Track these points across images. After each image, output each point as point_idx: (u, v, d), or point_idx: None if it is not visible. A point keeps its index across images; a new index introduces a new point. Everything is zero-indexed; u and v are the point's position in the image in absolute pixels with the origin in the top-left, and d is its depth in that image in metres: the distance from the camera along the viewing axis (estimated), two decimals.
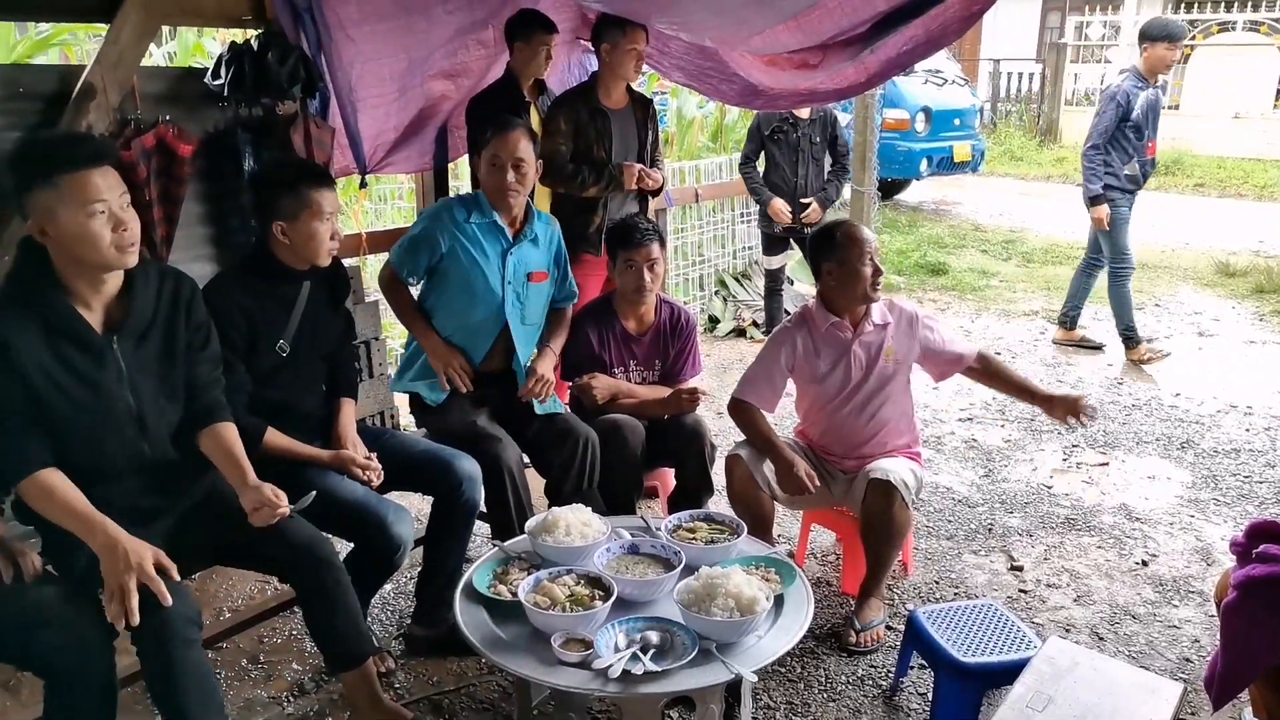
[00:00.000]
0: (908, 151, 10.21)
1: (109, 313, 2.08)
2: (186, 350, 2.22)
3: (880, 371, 3.02)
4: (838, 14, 3.47)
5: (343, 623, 2.33)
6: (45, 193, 1.92)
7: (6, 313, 1.97)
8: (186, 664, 1.97)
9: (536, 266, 3.14)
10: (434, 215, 3.05)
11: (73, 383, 2.02)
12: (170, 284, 2.20)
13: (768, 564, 2.43)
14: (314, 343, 2.67)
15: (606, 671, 1.97)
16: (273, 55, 3.22)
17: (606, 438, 3.02)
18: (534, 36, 3.82)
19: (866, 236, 2.96)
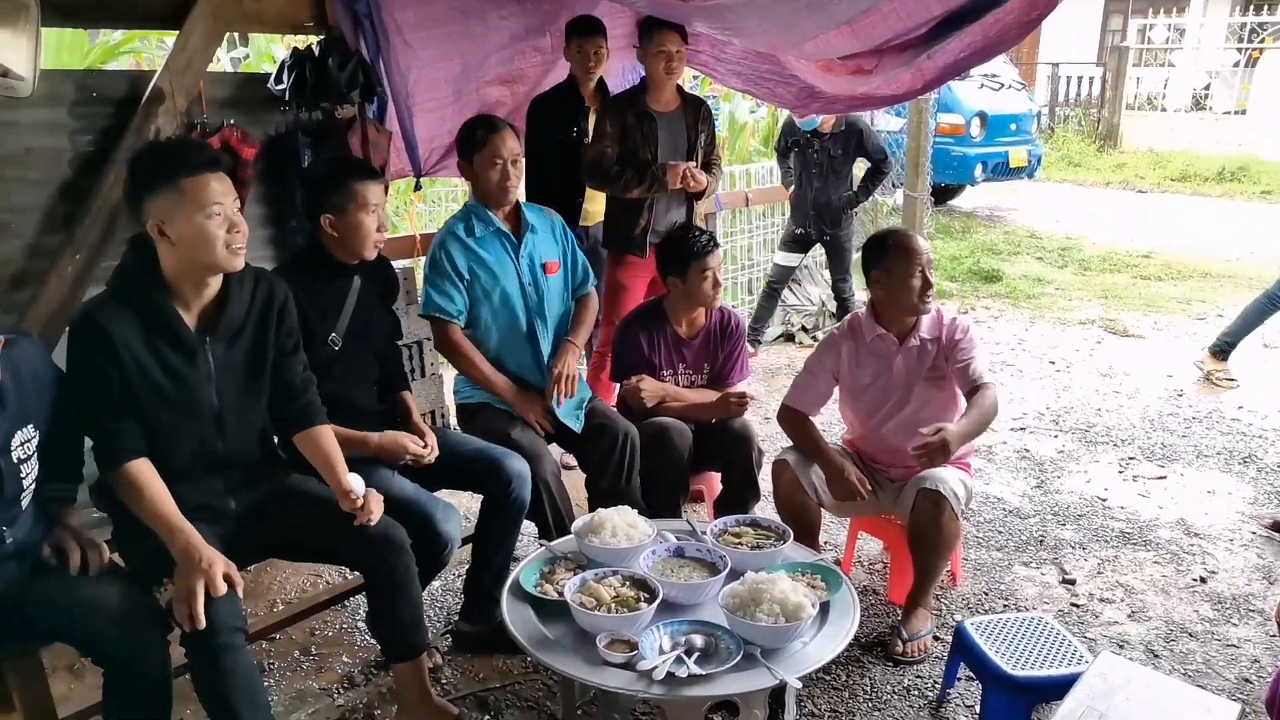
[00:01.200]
0: (962, 157, 10.08)
1: (205, 314, 2.16)
2: (278, 354, 2.29)
3: (922, 387, 2.96)
4: (892, 19, 3.45)
5: (405, 612, 2.37)
6: (167, 194, 2.02)
7: (110, 306, 2.07)
8: (233, 666, 2.03)
9: (548, 257, 3.16)
10: (440, 244, 3.05)
11: (163, 378, 2.11)
12: (265, 288, 2.27)
13: (814, 570, 2.42)
14: (366, 338, 2.73)
15: (651, 673, 1.98)
16: (333, 60, 3.30)
17: (653, 441, 3.03)
18: (572, 40, 3.86)
19: (919, 247, 2.90)
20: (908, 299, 2.89)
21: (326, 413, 2.56)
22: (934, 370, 2.96)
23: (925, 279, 2.87)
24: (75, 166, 3.02)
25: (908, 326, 2.96)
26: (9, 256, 2.89)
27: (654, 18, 3.64)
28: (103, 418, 2.08)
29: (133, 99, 3.07)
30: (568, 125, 3.91)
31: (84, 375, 2.07)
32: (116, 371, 2.06)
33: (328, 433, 2.37)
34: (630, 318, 3.32)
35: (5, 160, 2.87)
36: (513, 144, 3.01)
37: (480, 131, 3.01)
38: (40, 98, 2.76)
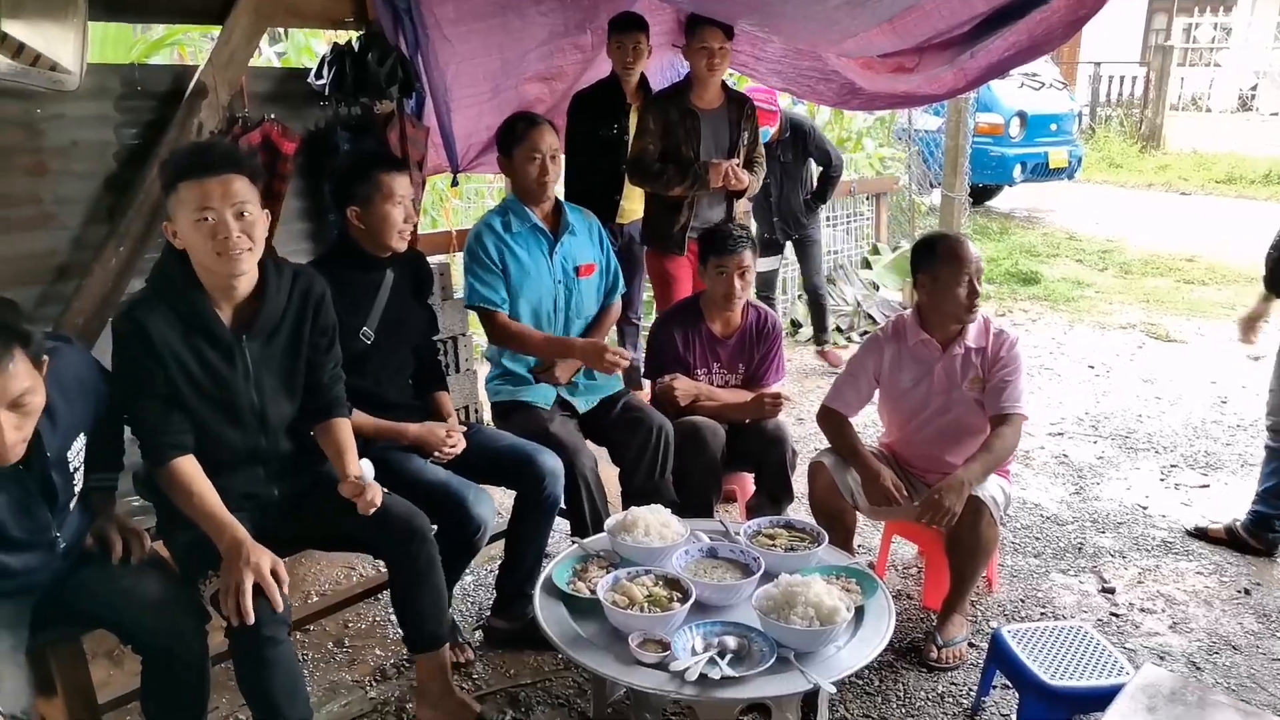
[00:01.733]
0: (1000, 157, 9.96)
1: (240, 312, 2.17)
2: (311, 351, 2.31)
3: (962, 397, 2.91)
4: (935, 16, 3.41)
5: (427, 601, 2.37)
6: (172, 199, 2.05)
7: (149, 304, 2.10)
8: (276, 658, 2.05)
9: (584, 259, 3.15)
10: (475, 236, 3.04)
11: (203, 376, 2.13)
12: (302, 285, 2.28)
13: (849, 574, 2.40)
14: (398, 332, 2.74)
15: (684, 674, 1.97)
16: (373, 56, 3.32)
17: (686, 439, 3.02)
18: (612, 35, 3.86)
19: (968, 255, 2.82)
20: (954, 306, 2.84)
21: (360, 406, 2.58)
22: (976, 381, 2.90)
23: (973, 287, 2.81)
24: (120, 159, 3.06)
25: (952, 333, 2.90)
26: (54, 247, 2.94)
27: (698, 15, 3.61)
28: (148, 414, 2.10)
29: (176, 93, 3.11)
30: (608, 122, 3.91)
31: (128, 372, 2.10)
32: (160, 369, 2.08)
33: (344, 424, 2.38)
34: (665, 316, 3.31)
35: (52, 153, 2.92)
36: (551, 139, 3.01)
37: (520, 126, 3.01)
38: (87, 91, 2.80)
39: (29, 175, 2.88)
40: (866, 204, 7.43)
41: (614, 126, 3.92)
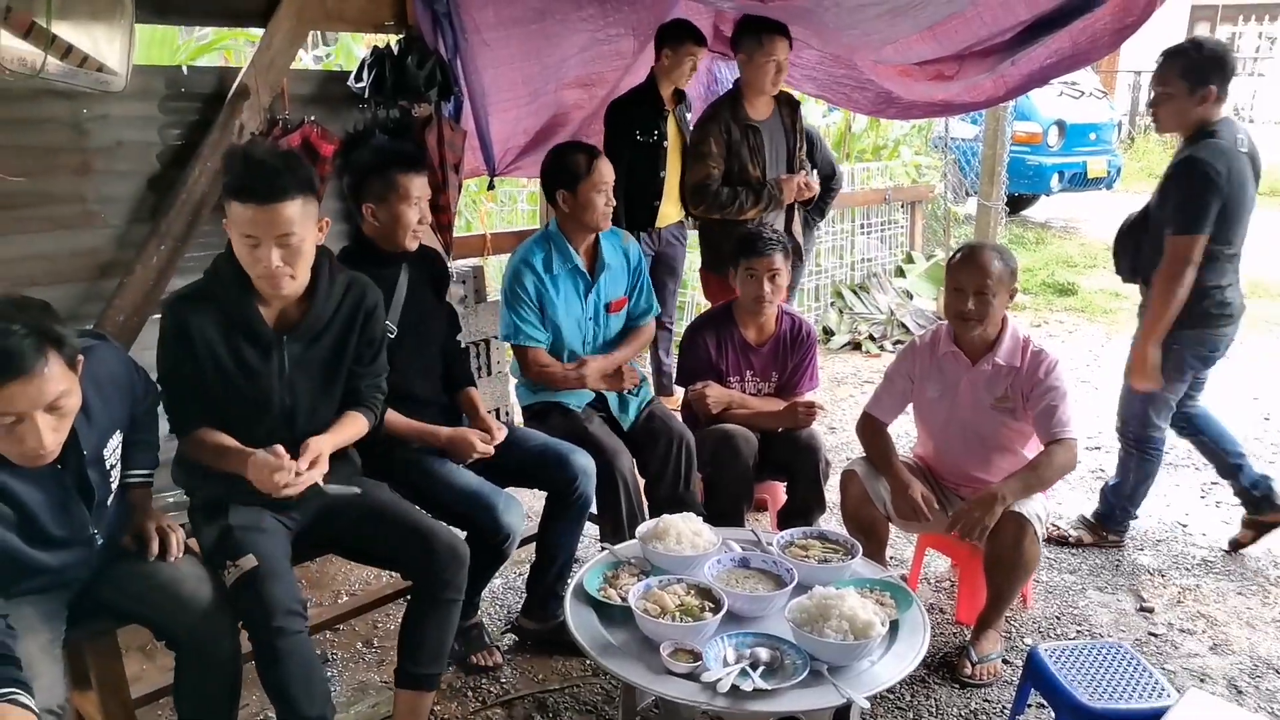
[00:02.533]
0: (1038, 166, 9.83)
1: (286, 313, 2.20)
2: (354, 360, 2.31)
3: (988, 415, 2.84)
4: (976, 24, 3.38)
5: (433, 634, 2.33)
6: (226, 208, 2.08)
7: (195, 297, 2.16)
8: (291, 650, 2.05)
9: (616, 295, 3.14)
10: (515, 274, 3.01)
11: (236, 372, 2.16)
12: (355, 294, 2.29)
13: (883, 588, 2.36)
14: (422, 329, 2.74)
15: (715, 685, 1.95)
16: (412, 59, 3.34)
17: (718, 447, 3.00)
18: (682, 47, 3.86)
19: (965, 263, 2.75)
20: (951, 315, 2.82)
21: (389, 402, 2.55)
22: (1005, 400, 2.82)
23: (966, 298, 2.73)
24: (163, 159, 3.10)
25: (981, 347, 2.83)
26: (98, 245, 2.98)
27: (755, 24, 3.47)
28: (179, 390, 2.18)
29: (219, 95, 3.14)
30: (647, 128, 3.93)
31: (164, 358, 2.17)
32: (192, 363, 2.13)
33: (354, 415, 2.36)
34: (697, 322, 3.30)
35: (98, 152, 2.96)
36: (611, 173, 2.97)
37: (582, 159, 2.94)
38: (132, 92, 2.84)
39: (74, 174, 2.93)
40: (901, 212, 7.38)
41: (653, 133, 3.94)
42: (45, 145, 2.83)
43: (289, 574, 2.16)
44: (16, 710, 1.66)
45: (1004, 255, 2.77)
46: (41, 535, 1.88)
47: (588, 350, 3.08)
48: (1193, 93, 2.99)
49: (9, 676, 1.69)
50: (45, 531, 1.89)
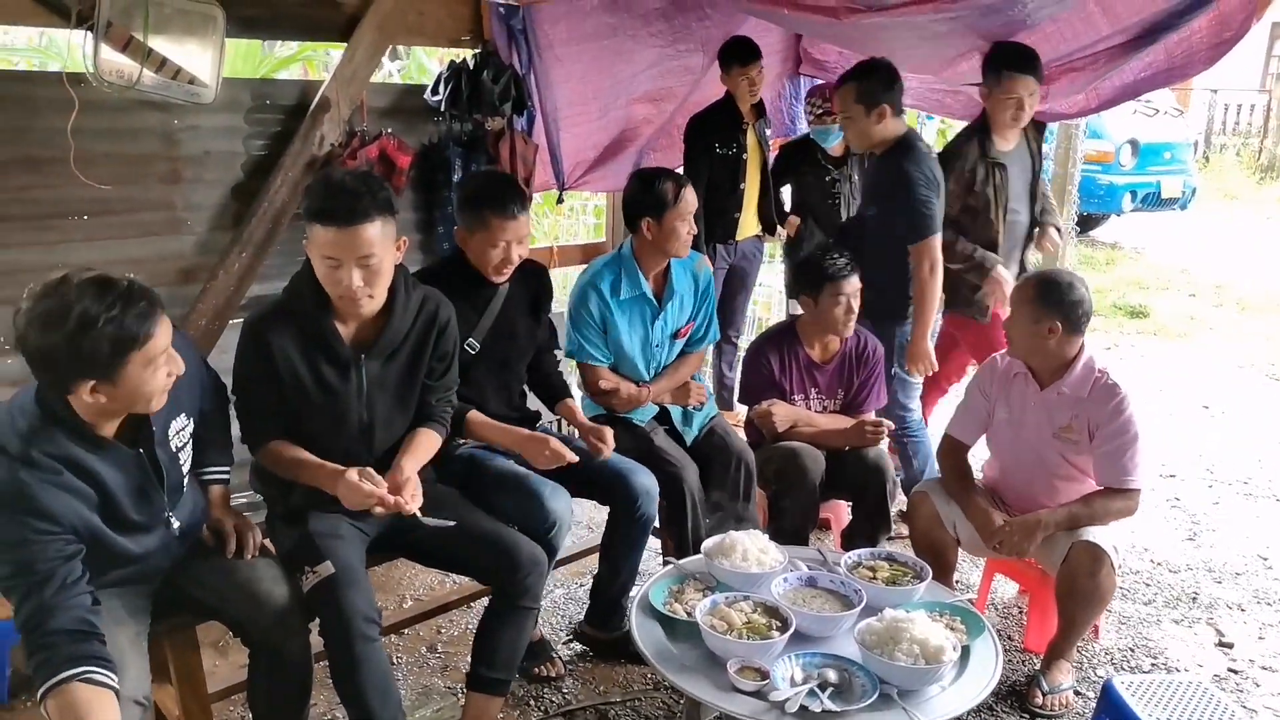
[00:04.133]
0: (1109, 185, 9.63)
1: (363, 331, 2.23)
2: (426, 374, 2.34)
3: (1053, 444, 2.75)
4: (1056, 39, 3.34)
5: (507, 640, 2.34)
6: (309, 231, 2.10)
7: (275, 315, 2.18)
8: (367, 656, 2.09)
9: (680, 323, 3.11)
10: (583, 297, 2.97)
11: (316, 390, 2.19)
12: (429, 309, 2.31)
13: (953, 612, 2.32)
14: (506, 345, 2.75)
15: (784, 705, 1.94)
16: (488, 74, 3.40)
17: (784, 465, 2.97)
18: (732, 66, 3.88)
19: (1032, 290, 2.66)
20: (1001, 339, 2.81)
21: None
22: (1068, 431, 2.72)
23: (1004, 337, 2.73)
24: (247, 169, 3.20)
25: (1051, 372, 2.73)
26: (183, 251, 3.08)
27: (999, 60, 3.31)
28: (253, 403, 2.22)
29: (301, 107, 3.24)
30: (726, 142, 3.95)
31: (242, 371, 2.21)
32: (269, 379, 2.17)
33: (426, 432, 2.38)
34: (760, 340, 3.27)
35: (186, 161, 3.07)
36: (695, 198, 2.94)
37: (671, 186, 2.87)
38: (220, 104, 2.94)
39: (164, 182, 3.04)
40: None
41: (732, 146, 3.97)
42: (138, 154, 2.95)
43: (366, 582, 2.19)
44: (93, 689, 1.69)
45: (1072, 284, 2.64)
46: (123, 519, 1.93)
47: (650, 374, 3.07)
48: (869, 114, 3.24)
49: (92, 653, 1.73)
50: (126, 515, 1.93)
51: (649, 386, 3.03)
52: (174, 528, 2.05)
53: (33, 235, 2.74)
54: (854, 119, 3.28)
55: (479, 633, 2.39)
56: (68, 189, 2.77)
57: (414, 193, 3.50)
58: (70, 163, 2.69)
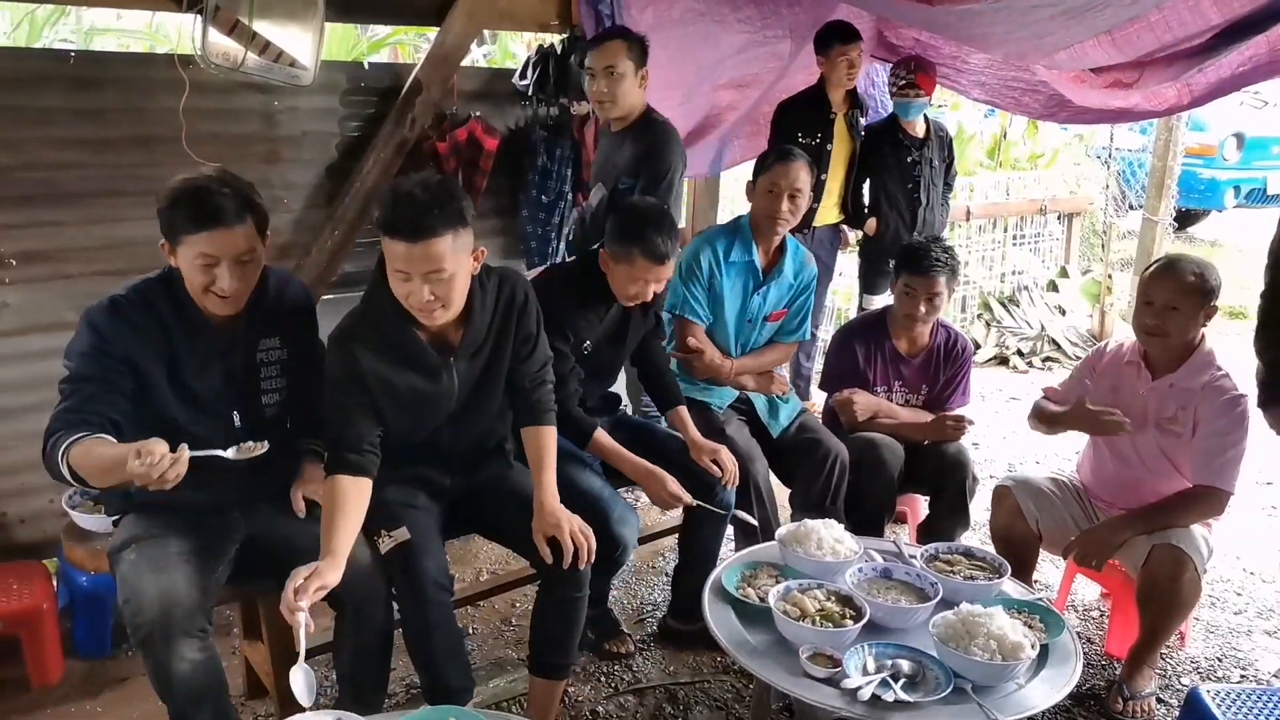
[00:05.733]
0: (1210, 180, 9.23)
1: (448, 334, 2.21)
2: (512, 360, 2.32)
3: (1157, 435, 2.68)
4: (1160, 29, 3.20)
5: (561, 628, 2.35)
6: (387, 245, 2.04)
7: (359, 331, 2.15)
8: (438, 620, 2.15)
9: (778, 307, 3.11)
10: (697, 250, 2.99)
11: (409, 398, 2.20)
12: (505, 294, 2.27)
13: (1032, 610, 2.28)
14: (617, 347, 2.78)
15: (856, 692, 1.93)
16: (575, 58, 3.44)
17: (863, 455, 2.95)
18: (831, 48, 3.84)
19: (1168, 277, 2.58)
20: (1135, 325, 2.69)
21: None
22: (1173, 422, 2.65)
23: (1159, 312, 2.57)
24: (341, 150, 3.30)
25: (1166, 363, 2.66)
26: (279, 228, 3.19)
27: None
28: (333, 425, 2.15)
29: (394, 89, 3.32)
30: (812, 131, 3.92)
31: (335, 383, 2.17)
32: (365, 393, 2.15)
33: (545, 434, 2.36)
34: (848, 328, 3.25)
35: (285, 142, 3.18)
36: (797, 178, 2.90)
37: (771, 157, 2.96)
38: (318, 86, 3.04)
39: (263, 162, 3.16)
40: (1058, 224, 7.06)
41: (816, 135, 3.94)
42: (241, 134, 3.07)
43: (439, 550, 2.26)
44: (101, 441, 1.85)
45: (1204, 272, 2.59)
46: (181, 382, 2.05)
47: (736, 351, 3.08)
48: (637, 73, 3.06)
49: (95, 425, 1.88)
50: (185, 381, 2.05)
51: (732, 361, 3.04)
52: (236, 425, 2.13)
53: (142, 210, 2.86)
54: (624, 76, 3.01)
55: (532, 619, 2.42)
56: (177, 166, 2.87)
57: (499, 176, 3.56)
58: (181, 141, 2.82)
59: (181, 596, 1.94)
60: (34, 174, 2.77)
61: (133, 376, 1.99)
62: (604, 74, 3.01)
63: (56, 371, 1.98)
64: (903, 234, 4.25)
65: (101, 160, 2.86)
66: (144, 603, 1.92)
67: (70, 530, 2.75)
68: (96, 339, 1.97)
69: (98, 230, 2.89)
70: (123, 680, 2.65)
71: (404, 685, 2.67)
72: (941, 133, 4.37)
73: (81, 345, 1.99)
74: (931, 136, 4.25)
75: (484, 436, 2.42)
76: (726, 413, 3.05)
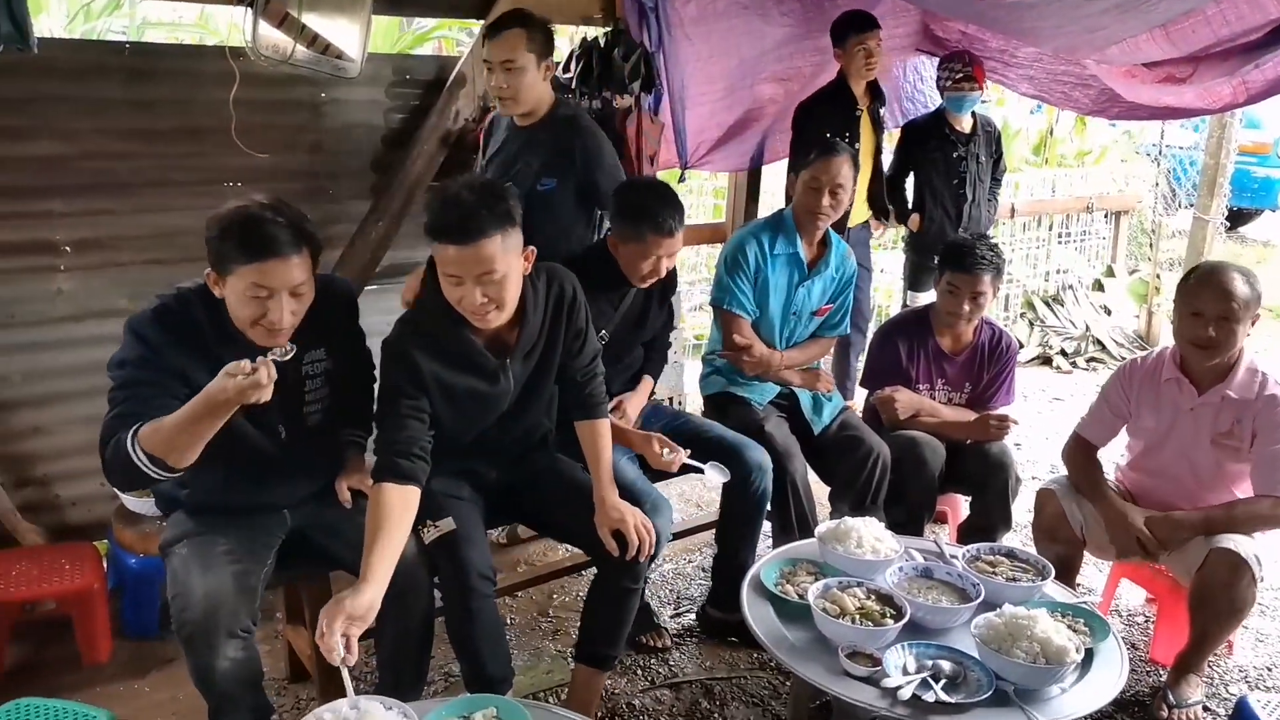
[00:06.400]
0: (1265, 179, 9.02)
1: (502, 336, 2.21)
2: (564, 356, 2.33)
3: (1208, 452, 2.62)
4: (1217, 23, 3.12)
5: (612, 618, 2.37)
6: (435, 247, 2.02)
7: (415, 336, 2.14)
8: (479, 610, 2.16)
9: (823, 302, 3.09)
10: (741, 243, 2.98)
11: (467, 400, 2.21)
12: (556, 289, 2.27)
13: (1076, 614, 2.24)
14: (633, 335, 2.79)
15: (896, 692, 1.92)
16: (618, 51, 3.43)
17: (903, 454, 2.92)
18: (847, 39, 3.75)
19: (1218, 287, 2.50)
20: (1182, 341, 2.60)
21: None
22: (1230, 436, 2.58)
23: (1216, 324, 2.49)
24: (386, 141, 3.33)
25: (1211, 377, 2.60)
26: (324, 219, 3.23)
27: None
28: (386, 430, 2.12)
29: (439, 82, 3.35)
30: (839, 128, 3.79)
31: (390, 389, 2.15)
32: (423, 396, 2.14)
33: (600, 427, 2.38)
34: (890, 325, 3.22)
35: (330, 133, 3.21)
36: (839, 173, 2.87)
37: (816, 150, 2.93)
38: (363, 78, 3.07)
39: (310, 153, 3.20)
40: (1104, 222, 6.93)
41: (844, 133, 3.79)
42: (288, 125, 3.11)
43: (483, 541, 2.28)
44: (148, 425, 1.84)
45: (1249, 278, 2.52)
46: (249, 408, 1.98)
47: (781, 345, 3.07)
48: (539, 65, 2.79)
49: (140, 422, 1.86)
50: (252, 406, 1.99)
51: (781, 353, 3.03)
52: (281, 435, 2.13)
53: (191, 200, 2.93)
54: (525, 69, 2.75)
55: (585, 608, 2.44)
56: (226, 157, 2.94)
57: None
58: (231, 132, 2.86)
59: (227, 596, 1.96)
60: (89, 164, 2.83)
61: (183, 384, 1.95)
62: (502, 68, 2.74)
63: (108, 357, 2.00)
64: (948, 230, 4.20)
65: (153, 150, 2.91)
66: (191, 600, 1.94)
67: (120, 513, 2.82)
68: (144, 348, 1.95)
69: (148, 219, 2.94)
70: (169, 661, 2.70)
71: (442, 673, 2.70)
72: (989, 128, 4.30)
73: (128, 354, 1.96)
74: (979, 131, 4.19)
75: (531, 431, 2.43)
76: (766, 409, 3.03)
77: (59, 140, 2.77)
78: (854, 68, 3.79)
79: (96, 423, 1.92)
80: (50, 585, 2.65)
